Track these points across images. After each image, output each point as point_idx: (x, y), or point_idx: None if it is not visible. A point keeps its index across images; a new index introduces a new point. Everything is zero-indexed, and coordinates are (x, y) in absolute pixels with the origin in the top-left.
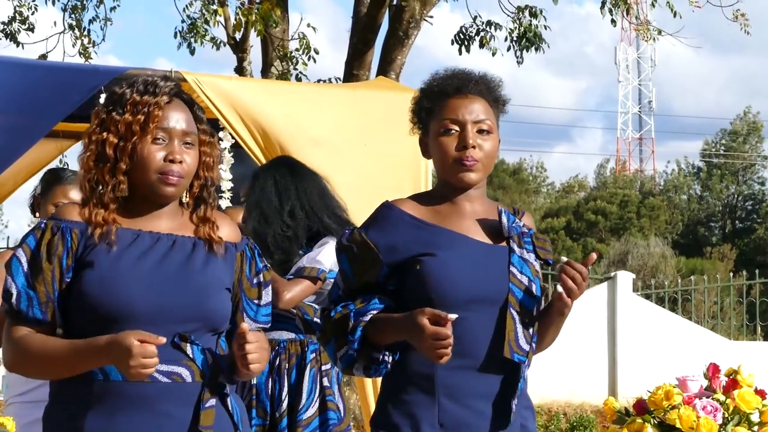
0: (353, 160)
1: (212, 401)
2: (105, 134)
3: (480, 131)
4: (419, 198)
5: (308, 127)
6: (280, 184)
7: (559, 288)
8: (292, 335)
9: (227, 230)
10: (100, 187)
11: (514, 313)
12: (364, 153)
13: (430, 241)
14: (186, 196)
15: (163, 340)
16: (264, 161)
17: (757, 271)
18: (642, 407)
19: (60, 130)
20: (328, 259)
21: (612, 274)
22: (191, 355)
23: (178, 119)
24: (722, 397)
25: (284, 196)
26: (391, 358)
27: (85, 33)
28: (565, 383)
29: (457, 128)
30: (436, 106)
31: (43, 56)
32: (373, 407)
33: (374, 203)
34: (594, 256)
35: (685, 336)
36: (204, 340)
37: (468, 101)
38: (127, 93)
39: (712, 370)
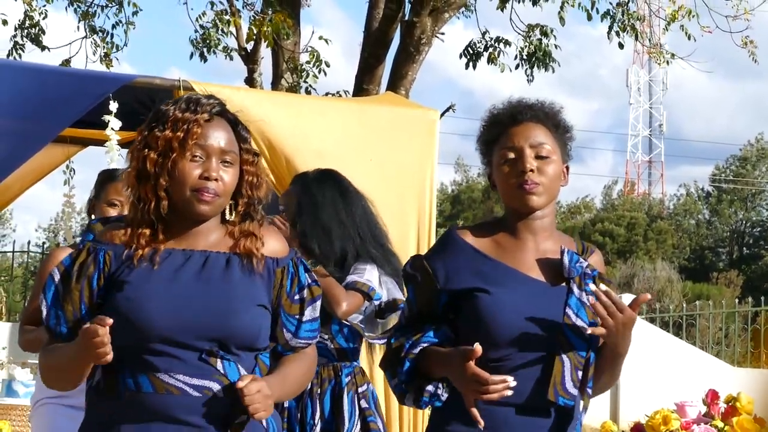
0: (358, 174)
1: (244, 416)
2: (146, 151)
3: (538, 156)
4: (484, 227)
5: (314, 139)
6: (336, 204)
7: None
8: (324, 360)
9: (274, 244)
10: (142, 205)
11: (564, 357)
12: (369, 167)
13: (487, 276)
14: (232, 214)
15: (110, 321)
16: (269, 173)
17: (762, 298)
18: (640, 431)
19: (67, 136)
20: (375, 281)
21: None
22: (222, 371)
23: (217, 137)
24: (721, 424)
25: (336, 218)
26: (444, 392)
27: (109, 38)
28: None
29: (514, 155)
30: (495, 137)
31: (67, 61)
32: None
33: (380, 217)
34: (648, 296)
35: (688, 361)
36: (241, 358)
37: (523, 128)
38: (171, 110)
39: (711, 396)
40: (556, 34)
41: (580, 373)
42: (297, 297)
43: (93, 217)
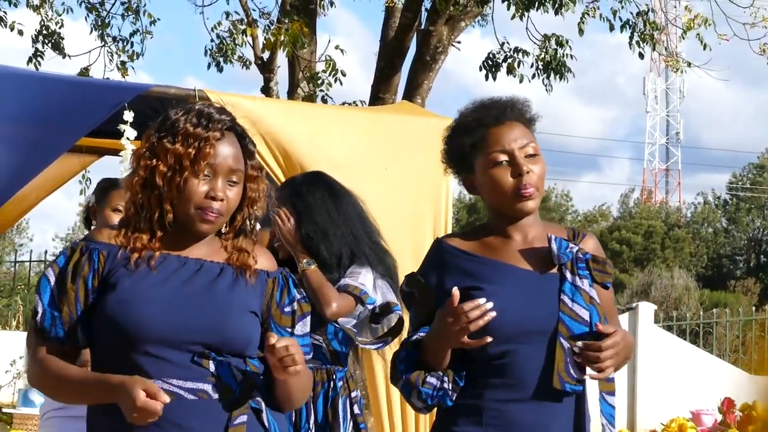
0: (373, 183)
1: (242, 417)
2: (155, 161)
3: (528, 156)
4: (470, 232)
5: (329, 149)
6: (327, 205)
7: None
8: (317, 362)
9: (265, 261)
10: (144, 212)
11: (564, 343)
12: (385, 177)
13: (478, 274)
14: (226, 228)
15: (167, 399)
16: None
17: None
18: None
19: (83, 145)
20: (369, 286)
21: (634, 304)
22: (215, 372)
23: (226, 156)
24: None
25: (330, 220)
26: (451, 386)
27: (129, 46)
28: None
29: (506, 158)
30: (478, 140)
31: (86, 69)
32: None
33: (394, 227)
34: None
35: (705, 369)
36: (231, 360)
37: (508, 128)
38: (181, 122)
39: (727, 405)
40: (572, 45)
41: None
42: (288, 309)
43: (94, 222)
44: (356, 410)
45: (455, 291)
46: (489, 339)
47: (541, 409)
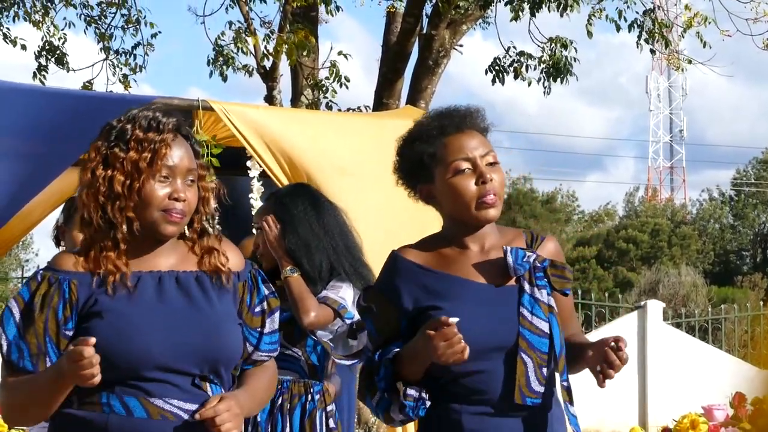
0: (380, 189)
1: None
2: (111, 171)
3: (489, 164)
4: (426, 242)
5: (335, 155)
6: (309, 217)
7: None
8: (295, 376)
9: (233, 257)
10: (108, 227)
11: (525, 358)
12: (390, 182)
13: (437, 291)
14: (187, 232)
15: (93, 340)
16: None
17: None
18: None
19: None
20: (349, 301)
21: (642, 303)
22: (211, 394)
23: (181, 156)
24: (748, 426)
25: (312, 232)
26: (426, 395)
27: (131, 59)
28: (595, 412)
29: (469, 166)
30: (438, 149)
31: (89, 82)
32: None
33: (401, 232)
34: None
35: (715, 365)
36: (224, 380)
37: (468, 137)
38: (129, 129)
39: (738, 399)
40: (576, 46)
41: (545, 370)
42: (258, 309)
43: (62, 243)
44: (332, 424)
45: (454, 320)
46: (455, 319)
47: (514, 422)
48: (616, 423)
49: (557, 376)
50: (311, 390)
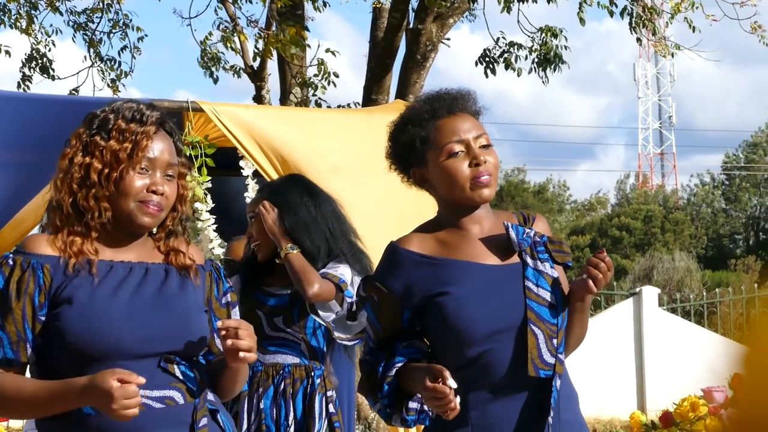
0: (373, 184)
1: (205, 419)
2: (89, 159)
3: (482, 147)
4: (423, 230)
5: (326, 152)
6: (306, 202)
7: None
8: (297, 360)
9: (196, 255)
10: (79, 214)
11: (536, 330)
12: (383, 177)
13: (441, 278)
14: (156, 228)
15: (143, 380)
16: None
17: None
18: (668, 419)
19: None
20: (348, 278)
21: (638, 289)
22: (180, 377)
23: (162, 150)
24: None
25: (310, 216)
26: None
27: (116, 65)
28: (594, 399)
29: (462, 148)
30: (431, 132)
31: (75, 90)
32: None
33: (397, 227)
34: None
35: (712, 348)
36: (194, 362)
37: (461, 120)
38: (111, 119)
39: (737, 381)
40: (566, 35)
41: (554, 341)
42: (224, 300)
43: None
44: (331, 409)
45: (451, 383)
46: (455, 414)
47: (523, 400)
48: (614, 409)
49: None
50: (312, 374)
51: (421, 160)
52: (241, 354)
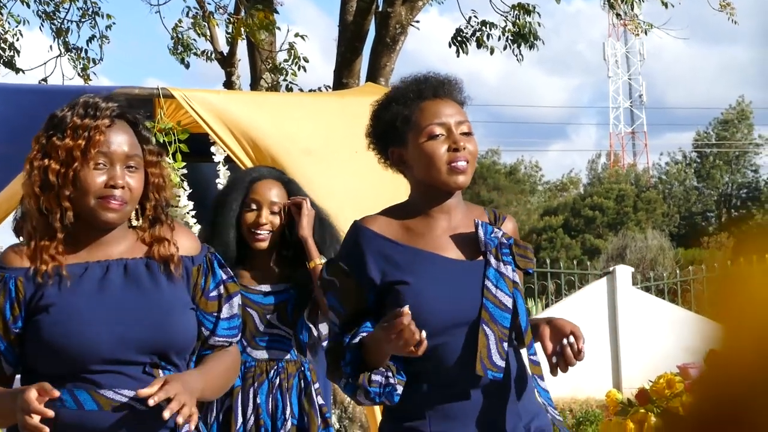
0: (345, 167)
1: (188, 426)
2: (46, 161)
3: (463, 134)
4: (391, 213)
5: (298, 136)
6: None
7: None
8: (289, 355)
9: (187, 242)
10: (46, 216)
11: (487, 330)
12: (356, 160)
13: (403, 266)
14: (139, 220)
15: (57, 393)
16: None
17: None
18: (645, 397)
19: None
20: None
21: (611, 268)
22: None
23: (120, 142)
24: None
25: (330, 236)
26: (396, 380)
27: (84, 54)
28: (569, 379)
29: (443, 131)
30: (414, 112)
31: (44, 81)
32: (378, 415)
33: (369, 211)
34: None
35: (686, 326)
36: (179, 367)
37: (445, 104)
38: (68, 116)
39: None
40: (540, 11)
41: (506, 345)
42: (213, 294)
43: (21, 237)
44: (320, 401)
45: (406, 309)
46: (424, 347)
47: (477, 397)
48: (590, 389)
49: (524, 351)
50: (302, 367)
51: (401, 139)
52: (179, 419)
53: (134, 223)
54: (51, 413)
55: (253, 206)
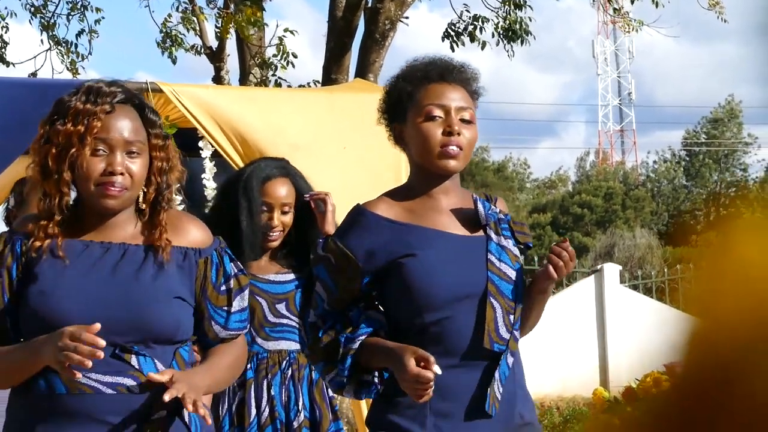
0: (333, 163)
1: (162, 413)
2: (48, 146)
3: (463, 120)
4: (392, 196)
5: (287, 131)
6: None
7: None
8: (299, 346)
9: (196, 233)
10: (48, 199)
11: (495, 303)
12: (344, 155)
13: (407, 242)
14: (143, 203)
15: (102, 343)
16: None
17: None
18: (631, 395)
19: None
20: None
21: (599, 266)
22: (137, 366)
23: (120, 128)
24: None
25: None
26: (380, 380)
27: (73, 48)
28: (557, 377)
29: (441, 114)
30: (418, 91)
31: (33, 74)
32: (364, 410)
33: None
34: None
35: (673, 325)
36: (157, 352)
37: (451, 88)
38: (72, 102)
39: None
40: (531, 5)
41: (511, 317)
42: (223, 288)
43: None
44: (330, 393)
45: (437, 369)
46: (438, 370)
47: (476, 372)
48: (577, 386)
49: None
50: (309, 362)
51: (403, 116)
52: (189, 406)
53: (141, 206)
54: (103, 342)
55: (265, 208)
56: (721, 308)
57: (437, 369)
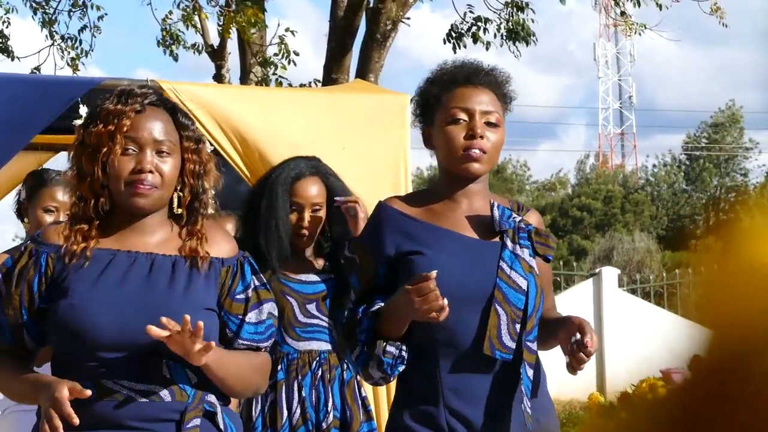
0: (333, 163)
1: (195, 421)
2: (81, 148)
3: (488, 123)
4: (417, 195)
5: (286, 131)
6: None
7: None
8: (329, 346)
9: (222, 244)
10: (83, 203)
11: (499, 309)
12: (343, 156)
13: (419, 239)
14: (178, 208)
15: (88, 393)
16: (243, 168)
17: None
18: (627, 400)
19: (39, 143)
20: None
21: (597, 270)
22: (169, 375)
23: (150, 128)
24: None
25: None
26: (407, 354)
27: (77, 44)
28: (553, 381)
29: (465, 117)
30: (444, 94)
31: (36, 69)
32: (383, 410)
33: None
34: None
35: (672, 329)
36: (186, 363)
37: (477, 91)
38: (105, 105)
39: (696, 363)
40: (533, 8)
41: (517, 326)
42: (241, 296)
43: (25, 220)
44: (363, 393)
45: (433, 273)
46: (446, 313)
47: (486, 376)
48: (574, 390)
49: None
50: (345, 359)
51: (431, 119)
52: (197, 347)
53: (177, 211)
54: (77, 421)
55: (294, 208)
56: (732, 310)
57: (432, 273)
